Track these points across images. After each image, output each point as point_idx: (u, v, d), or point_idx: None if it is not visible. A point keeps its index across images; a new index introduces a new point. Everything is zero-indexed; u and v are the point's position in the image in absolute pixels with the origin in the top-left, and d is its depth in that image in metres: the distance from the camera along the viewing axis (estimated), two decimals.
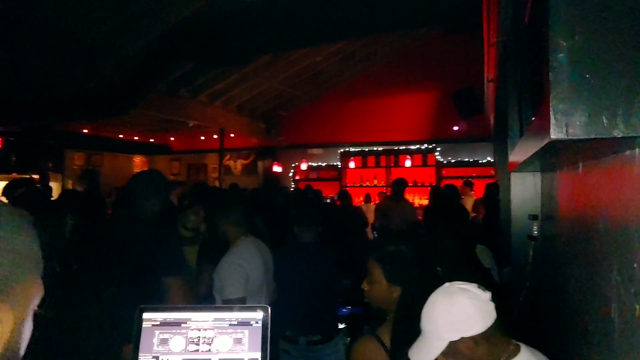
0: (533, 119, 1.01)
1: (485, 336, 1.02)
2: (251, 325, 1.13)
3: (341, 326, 3.16)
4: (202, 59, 5.86)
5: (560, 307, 1.45)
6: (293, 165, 9.86)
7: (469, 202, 5.86)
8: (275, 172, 9.93)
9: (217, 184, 9.67)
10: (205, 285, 2.64)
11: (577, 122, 0.60)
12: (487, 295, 1.07)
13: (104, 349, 1.33)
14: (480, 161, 8.06)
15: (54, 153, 9.31)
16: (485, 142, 7.43)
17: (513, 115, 1.86)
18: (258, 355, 1.11)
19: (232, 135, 9.67)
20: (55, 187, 8.94)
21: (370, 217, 6.10)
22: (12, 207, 0.49)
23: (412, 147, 8.63)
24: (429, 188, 7.91)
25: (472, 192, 6.67)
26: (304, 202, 3.78)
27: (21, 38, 4.73)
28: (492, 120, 5.24)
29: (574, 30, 0.60)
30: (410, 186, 8.25)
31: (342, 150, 9.30)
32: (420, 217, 5.42)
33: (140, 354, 1.12)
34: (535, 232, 2.02)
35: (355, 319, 3.47)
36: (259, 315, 1.14)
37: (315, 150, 9.81)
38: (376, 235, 5.54)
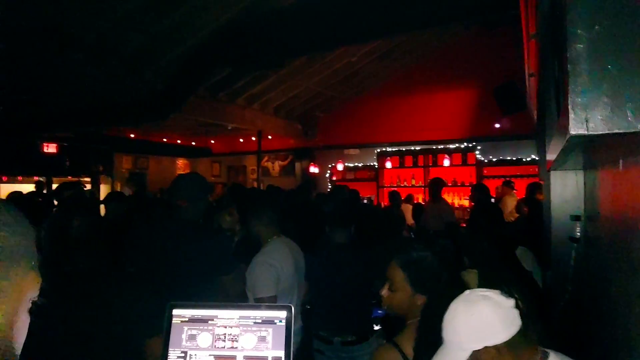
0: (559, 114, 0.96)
1: (509, 345, 0.98)
2: (275, 324, 1.15)
3: (376, 328, 3.13)
4: (239, 64, 6.00)
5: (603, 312, 1.36)
6: (330, 166, 9.88)
7: (510, 203, 5.64)
8: (312, 173, 9.99)
9: (255, 185, 9.87)
10: (239, 283, 2.71)
11: (599, 117, 0.56)
12: (511, 302, 1.03)
13: (118, 346, 1.40)
14: (524, 159, 7.73)
15: (104, 157, 9.86)
16: (528, 139, 7.11)
17: (550, 111, 1.77)
18: (282, 353, 1.12)
19: (269, 137, 9.83)
20: (105, 189, 9.47)
21: (409, 218, 6.02)
22: (2, 203, 0.50)
23: (451, 146, 8.40)
24: (470, 188, 7.72)
25: (514, 192, 6.39)
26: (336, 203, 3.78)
27: (74, 49, 5.05)
28: (535, 117, 5.02)
29: (594, 20, 0.56)
30: (450, 186, 8.06)
31: (379, 150, 9.21)
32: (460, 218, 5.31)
33: (169, 349, 1.17)
34: (578, 234, 1.92)
35: (391, 320, 3.43)
36: (282, 314, 1.15)
37: (352, 151, 9.79)
38: (413, 236, 5.45)
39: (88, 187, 8.71)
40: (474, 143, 8.19)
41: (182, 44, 5.49)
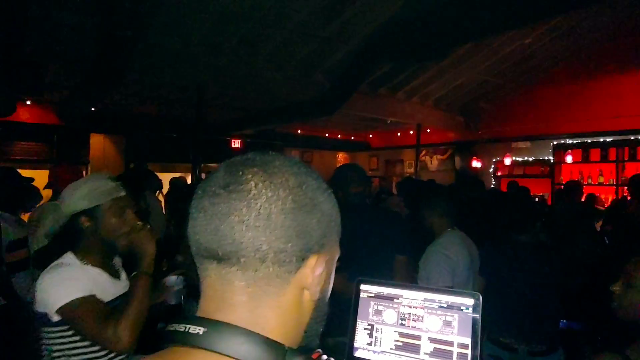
0: None
1: None
2: (461, 310, 1.15)
3: None
4: (402, 58, 6.02)
5: None
6: (494, 160, 9.14)
7: None
8: (474, 167, 9.40)
9: None
10: (399, 275, 2.74)
11: None
12: None
13: None
14: None
15: (277, 151, 11.05)
16: None
17: None
18: (468, 340, 1.11)
19: (428, 130, 9.61)
20: None
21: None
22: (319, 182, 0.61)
23: None
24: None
25: None
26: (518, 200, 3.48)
27: (258, 58, 5.82)
28: None
29: None
30: None
31: (555, 142, 8.11)
32: None
33: (358, 320, 1.29)
34: None
35: (572, 335, 3.04)
36: (469, 301, 1.14)
37: (522, 144, 8.84)
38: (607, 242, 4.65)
39: None
40: None
41: (347, 44, 5.79)
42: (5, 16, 3.58)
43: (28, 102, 7.37)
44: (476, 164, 9.39)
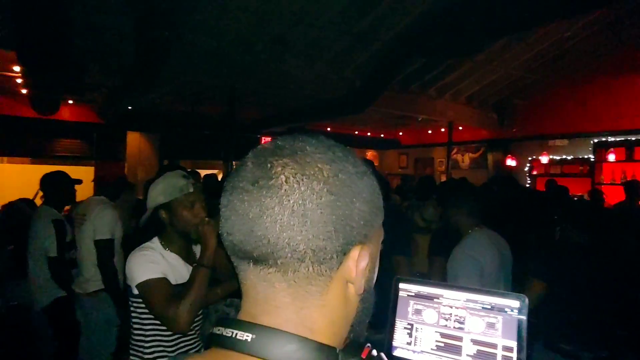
0: None
1: None
2: (505, 312, 1.11)
3: None
4: (434, 54, 5.90)
5: None
6: (530, 158, 8.85)
7: None
8: (508, 165, 9.13)
9: (443, 178, 9.61)
10: (435, 277, 2.70)
11: None
12: None
13: None
14: None
15: None
16: None
17: None
18: (513, 344, 1.08)
19: (460, 128, 9.41)
20: None
21: None
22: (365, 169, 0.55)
23: None
24: None
25: None
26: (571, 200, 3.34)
27: (290, 55, 5.85)
28: None
29: None
30: None
31: (596, 140, 7.77)
32: None
33: (397, 319, 1.27)
34: None
35: (619, 341, 2.91)
36: (514, 303, 1.10)
37: (559, 142, 8.52)
38: None
39: None
40: None
41: (379, 40, 5.73)
42: (49, 21, 3.74)
43: (70, 102, 7.70)
44: (510, 162, 9.13)
